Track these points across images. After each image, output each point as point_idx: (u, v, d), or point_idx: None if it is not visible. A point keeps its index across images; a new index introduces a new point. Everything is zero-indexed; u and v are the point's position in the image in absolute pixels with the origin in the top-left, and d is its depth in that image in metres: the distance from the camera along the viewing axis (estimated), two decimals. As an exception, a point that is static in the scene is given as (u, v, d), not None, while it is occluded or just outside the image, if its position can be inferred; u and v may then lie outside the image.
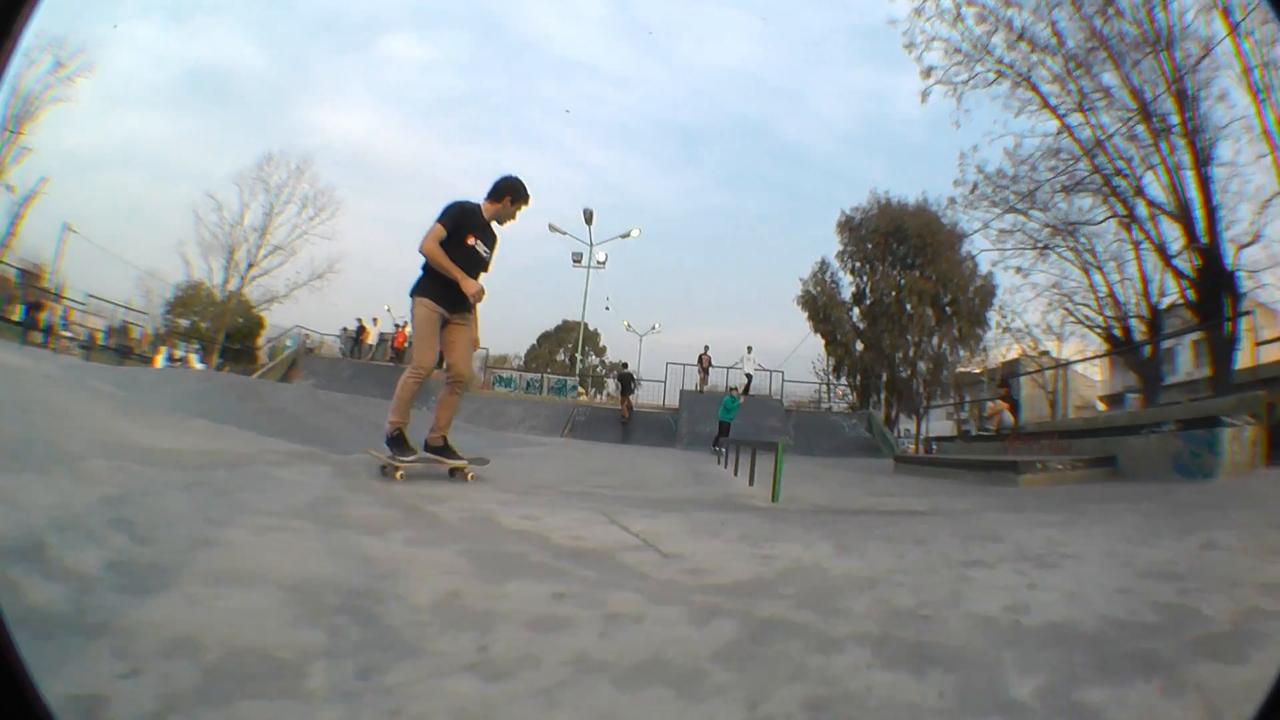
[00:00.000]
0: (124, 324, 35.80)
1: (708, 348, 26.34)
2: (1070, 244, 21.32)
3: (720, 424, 17.49)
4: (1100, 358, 26.35)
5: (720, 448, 14.88)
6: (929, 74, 21.80)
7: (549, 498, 4.92)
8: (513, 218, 5.54)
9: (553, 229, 30.72)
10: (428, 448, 5.28)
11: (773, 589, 2.60)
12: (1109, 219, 20.23)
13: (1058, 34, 19.74)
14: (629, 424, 21.68)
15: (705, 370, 26.19)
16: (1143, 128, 18.27)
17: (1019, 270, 22.45)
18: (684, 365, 27.36)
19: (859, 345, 36.77)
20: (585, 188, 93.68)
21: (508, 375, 29.23)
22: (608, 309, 53.29)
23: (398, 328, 28.24)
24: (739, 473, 8.86)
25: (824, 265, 38.40)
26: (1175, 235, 18.27)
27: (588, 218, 28.95)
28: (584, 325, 30.63)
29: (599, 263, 30.86)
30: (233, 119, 56.78)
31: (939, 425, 35.44)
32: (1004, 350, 29.88)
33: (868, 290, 37.18)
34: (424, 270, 5.24)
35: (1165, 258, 18.68)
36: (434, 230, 5.13)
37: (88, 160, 56.51)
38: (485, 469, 5.78)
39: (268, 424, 7.74)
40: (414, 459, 5.01)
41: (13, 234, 34.36)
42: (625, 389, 22.47)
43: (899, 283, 35.72)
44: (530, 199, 5.57)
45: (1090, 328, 21.82)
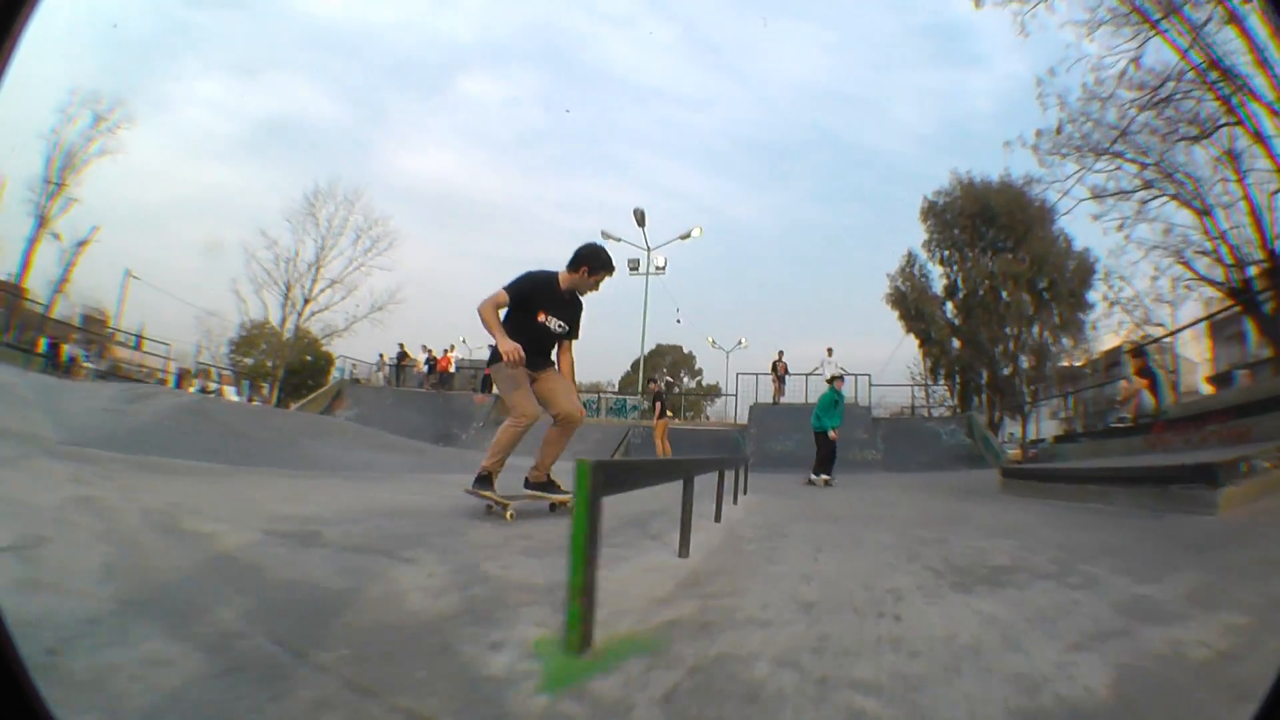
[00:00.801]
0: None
1: (782, 354, 24.51)
2: (1174, 188, 18.63)
3: (816, 436, 13.17)
4: (1222, 314, 22.84)
5: (822, 474, 12.61)
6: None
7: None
8: (594, 288, 5.56)
9: (605, 236, 29.60)
10: (528, 484, 5.72)
11: None
12: (1223, 128, 16.98)
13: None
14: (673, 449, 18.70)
15: (780, 379, 24.18)
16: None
17: (1120, 227, 19.94)
18: (756, 375, 25.33)
19: (955, 343, 35.04)
20: (680, 212, 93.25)
21: (592, 399, 28.25)
22: (679, 322, 52.03)
23: (445, 353, 27.67)
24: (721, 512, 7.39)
25: (911, 258, 37.06)
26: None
27: (639, 219, 27.30)
28: (644, 336, 29.21)
29: (658, 268, 29.46)
30: (311, 165, 59.18)
31: (1046, 426, 33.11)
32: (1114, 329, 27.39)
33: (959, 281, 35.58)
34: (499, 333, 5.22)
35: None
36: (496, 295, 5.21)
37: (157, 211, 63.48)
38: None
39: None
40: (518, 497, 5.48)
41: (66, 279, 36.45)
42: (659, 409, 17.13)
43: (990, 269, 33.86)
44: (613, 269, 5.57)
45: (1211, 283, 19.03)
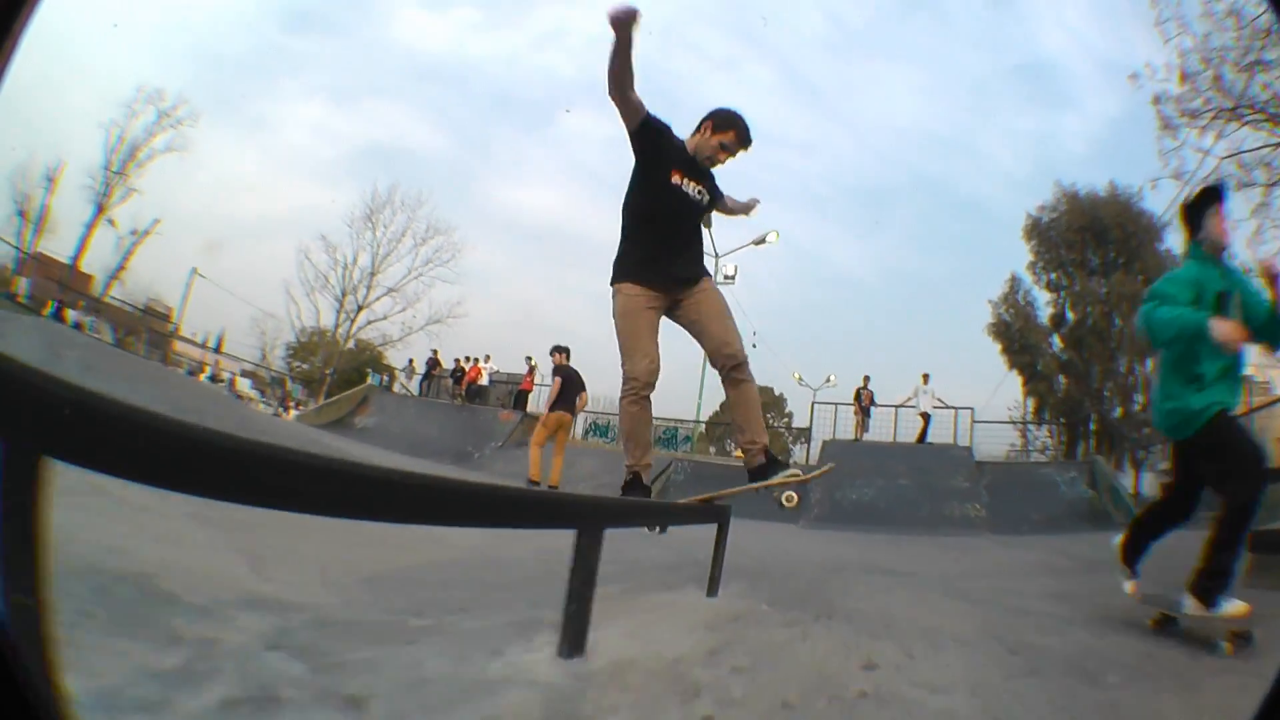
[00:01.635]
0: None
1: (868, 379, 20.84)
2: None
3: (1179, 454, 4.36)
4: None
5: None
6: None
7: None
8: (716, 158, 4.26)
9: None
10: (753, 476, 4.36)
11: None
12: None
13: None
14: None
15: (864, 410, 20.61)
16: None
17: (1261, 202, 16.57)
18: (835, 406, 21.68)
19: (1061, 380, 31.84)
20: (779, 254, 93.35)
21: (605, 422, 25.59)
22: (754, 346, 48.61)
23: (475, 363, 25.35)
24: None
25: (1015, 282, 34.15)
26: None
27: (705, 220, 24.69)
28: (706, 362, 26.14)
29: (727, 277, 26.62)
30: (430, 215, 61.78)
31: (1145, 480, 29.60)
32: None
33: (1067, 306, 32.53)
34: (621, 245, 4.26)
35: None
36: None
37: (254, 223, 67.70)
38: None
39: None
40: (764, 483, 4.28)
41: (123, 267, 38.58)
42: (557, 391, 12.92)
43: (1100, 293, 31.07)
44: (748, 137, 4.28)
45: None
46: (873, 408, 20.57)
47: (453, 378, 25.57)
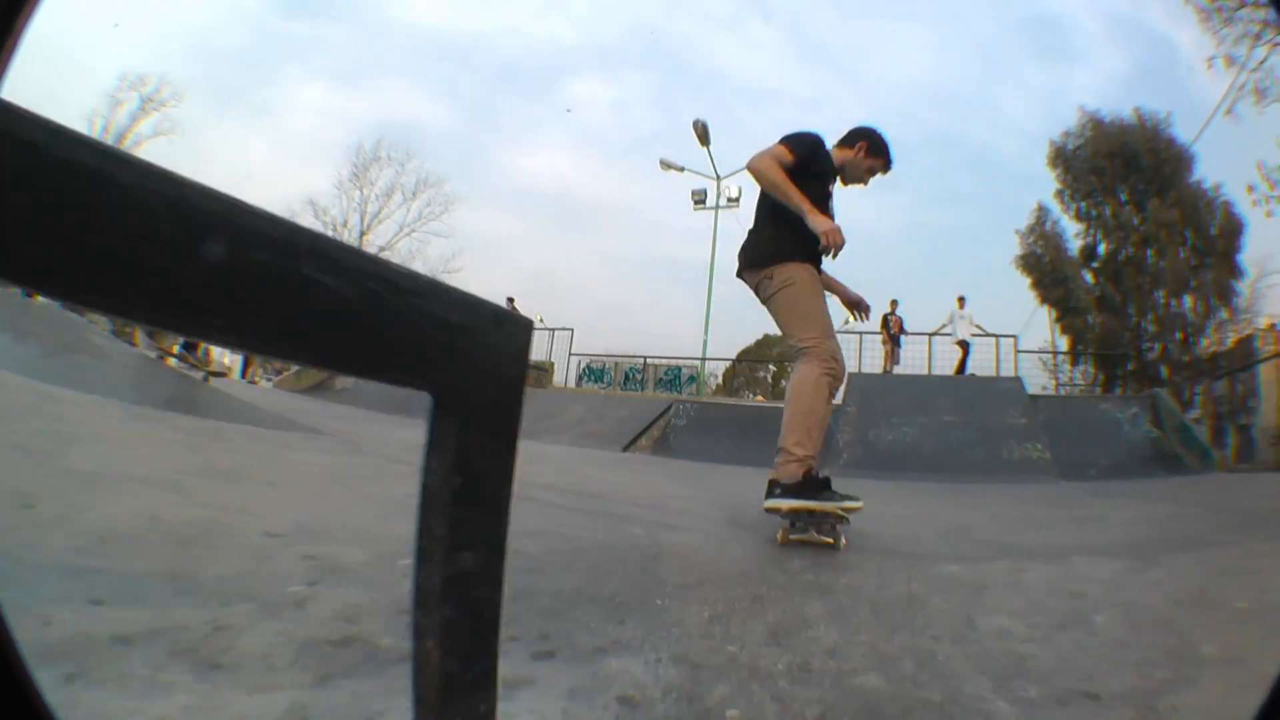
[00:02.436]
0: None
1: (895, 304, 17.95)
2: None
3: None
4: None
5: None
6: None
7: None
8: (861, 179, 4.41)
9: (665, 165, 24.36)
10: (768, 492, 3.91)
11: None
12: None
13: None
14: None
15: (894, 339, 17.72)
16: None
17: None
18: (860, 335, 18.75)
19: (1093, 317, 29.65)
20: None
21: (600, 365, 23.39)
22: None
23: None
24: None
25: (1043, 212, 32.16)
26: None
27: (701, 133, 21.99)
28: (710, 287, 23.41)
29: (730, 199, 24.09)
30: (422, 167, 60.20)
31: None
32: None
33: (1099, 237, 30.15)
34: (770, 220, 4.08)
35: None
36: (775, 150, 3.93)
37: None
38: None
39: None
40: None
41: None
42: None
43: (1134, 222, 29.07)
44: (890, 165, 4.42)
45: None
46: (903, 336, 17.80)
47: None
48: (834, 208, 4.20)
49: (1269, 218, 21.52)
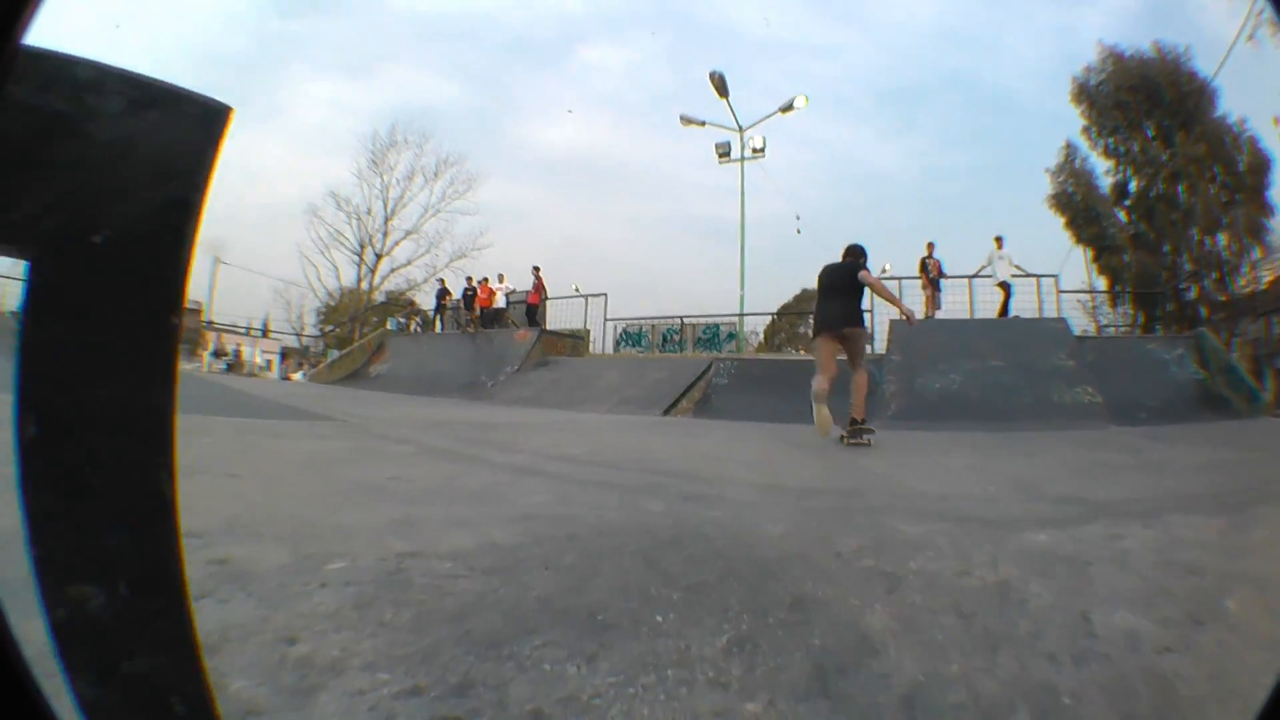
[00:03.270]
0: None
1: (933, 246, 16.46)
2: None
3: None
4: None
5: None
6: None
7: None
8: None
9: (685, 121, 23.31)
10: (856, 423, 6.87)
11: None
12: None
13: None
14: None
15: (933, 282, 16.31)
16: None
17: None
18: (899, 280, 17.02)
19: (1129, 256, 28.32)
20: (820, 165, 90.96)
21: (637, 329, 22.58)
22: (799, 232, 45.09)
23: (483, 281, 21.95)
24: None
25: (1071, 149, 30.51)
26: None
27: (719, 85, 20.72)
28: (742, 240, 22.32)
29: (755, 150, 22.82)
30: (441, 148, 59.69)
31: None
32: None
33: (1129, 174, 28.81)
34: (858, 300, 7.32)
35: None
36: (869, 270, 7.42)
37: (281, 207, 69.58)
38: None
39: None
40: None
41: None
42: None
43: (1162, 158, 27.55)
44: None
45: None
46: (942, 279, 16.51)
47: (464, 303, 22.13)
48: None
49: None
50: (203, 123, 0.59)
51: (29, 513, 0.50)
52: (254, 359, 34.78)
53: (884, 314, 16.85)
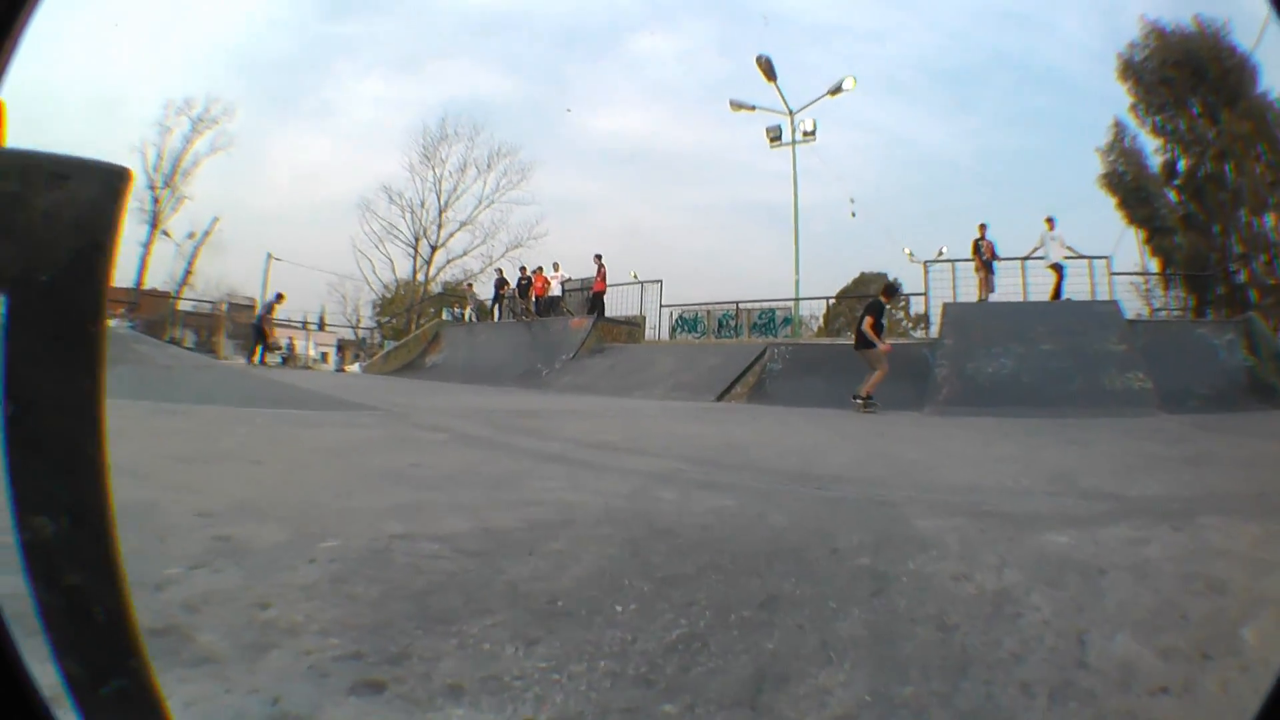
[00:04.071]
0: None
1: (985, 228, 15.70)
2: None
3: None
4: None
5: None
6: None
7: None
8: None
9: (735, 106, 22.92)
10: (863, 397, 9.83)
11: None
12: None
13: None
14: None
15: (986, 265, 15.55)
16: None
17: None
18: (953, 263, 16.85)
19: (1179, 237, 27.12)
20: (874, 146, 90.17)
21: (692, 315, 22.21)
22: (853, 215, 44.02)
23: (537, 271, 21.86)
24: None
25: (1121, 128, 28.94)
26: None
27: (766, 68, 20.21)
28: (796, 224, 21.81)
29: (806, 134, 22.26)
30: (496, 141, 60.09)
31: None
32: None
33: (1178, 152, 27.43)
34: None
35: None
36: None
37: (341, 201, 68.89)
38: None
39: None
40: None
41: (190, 272, 38.09)
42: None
43: (1209, 136, 26.01)
44: (898, 296, 12.33)
45: None
46: (995, 261, 15.76)
47: (519, 292, 22.03)
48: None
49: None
50: (109, 183, 0.77)
51: (10, 465, 0.69)
52: (308, 352, 35.48)
53: (938, 296, 16.49)
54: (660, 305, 21.29)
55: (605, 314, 19.40)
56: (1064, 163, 79.91)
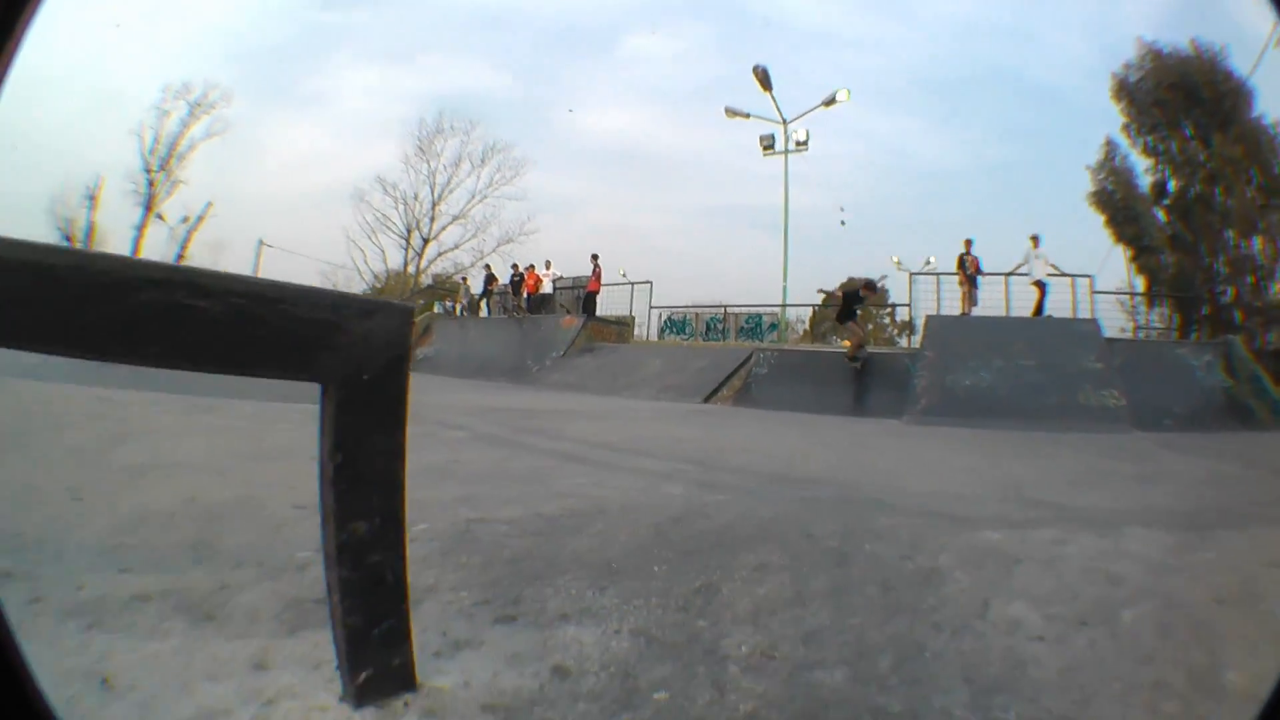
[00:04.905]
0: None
1: (970, 244, 16.67)
2: None
3: None
4: None
5: None
6: None
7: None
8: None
9: (730, 113, 23.61)
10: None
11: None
12: None
13: None
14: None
15: (970, 279, 16.42)
16: None
17: None
18: (937, 276, 17.69)
19: (1168, 257, 27.93)
20: (865, 154, 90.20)
21: (681, 316, 23.05)
22: (843, 223, 44.59)
23: (529, 268, 22.40)
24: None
25: (1112, 147, 29.59)
26: None
27: (762, 78, 20.99)
28: (786, 231, 22.63)
29: (799, 143, 23.04)
30: (487, 135, 59.93)
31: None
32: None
33: (1168, 173, 28.08)
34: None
35: None
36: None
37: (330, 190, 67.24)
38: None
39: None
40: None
41: (182, 255, 36.93)
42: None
43: (1200, 158, 26.67)
44: (875, 292, 15.33)
45: None
46: (980, 276, 16.57)
47: (511, 289, 22.65)
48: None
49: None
50: (404, 316, 1.19)
51: (336, 493, 1.11)
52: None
53: (921, 308, 17.22)
54: (650, 306, 21.95)
55: (597, 313, 19.96)
56: (1054, 178, 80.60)
